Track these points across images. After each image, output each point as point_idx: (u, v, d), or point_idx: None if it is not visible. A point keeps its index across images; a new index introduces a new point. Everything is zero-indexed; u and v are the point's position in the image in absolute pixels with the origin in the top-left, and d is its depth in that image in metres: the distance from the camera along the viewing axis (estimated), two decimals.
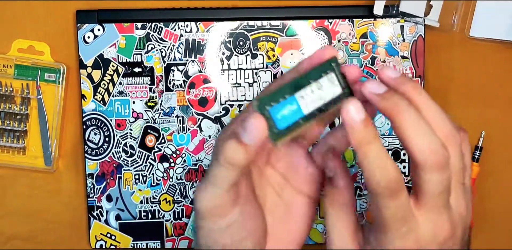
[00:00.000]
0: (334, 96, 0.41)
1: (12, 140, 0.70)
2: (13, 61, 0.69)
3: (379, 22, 0.70)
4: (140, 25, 0.69)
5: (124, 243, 0.71)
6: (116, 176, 0.70)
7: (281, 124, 0.40)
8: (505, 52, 0.73)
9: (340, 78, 0.42)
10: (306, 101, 0.41)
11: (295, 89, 0.40)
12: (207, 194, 0.42)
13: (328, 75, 0.41)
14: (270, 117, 0.40)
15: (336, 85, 0.41)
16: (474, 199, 0.75)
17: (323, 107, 0.41)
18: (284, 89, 0.40)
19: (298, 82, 0.40)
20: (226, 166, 0.40)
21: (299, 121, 0.40)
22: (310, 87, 0.41)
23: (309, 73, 0.41)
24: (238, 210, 0.43)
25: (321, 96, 0.41)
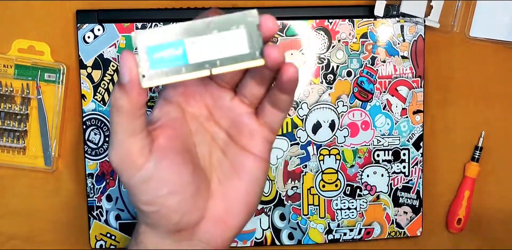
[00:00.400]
0: (235, 54, 0.38)
1: (12, 140, 0.70)
2: (13, 61, 0.69)
3: (379, 22, 0.70)
4: (140, 25, 0.68)
5: (124, 243, 0.71)
6: (116, 176, 0.70)
7: (155, 65, 0.38)
8: (505, 52, 0.73)
9: (254, 36, 0.38)
10: (197, 49, 0.37)
11: (189, 33, 0.37)
12: (112, 146, 0.43)
13: (238, 30, 0.38)
14: (146, 55, 0.38)
15: (244, 43, 0.38)
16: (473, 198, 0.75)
17: (216, 62, 0.38)
18: (174, 30, 0.37)
19: (196, 26, 0.37)
20: (114, 112, 0.41)
21: (180, 68, 0.38)
22: (209, 36, 0.37)
23: (215, 20, 0.38)
24: (152, 164, 0.42)
25: (219, 50, 0.38)
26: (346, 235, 0.72)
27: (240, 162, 0.46)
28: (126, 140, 0.42)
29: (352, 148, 0.71)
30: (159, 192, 0.43)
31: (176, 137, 0.44)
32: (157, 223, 0.45)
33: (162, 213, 0.44)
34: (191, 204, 0.44)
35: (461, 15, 0.71)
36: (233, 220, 0.46)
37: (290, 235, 0.72)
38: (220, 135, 0.46)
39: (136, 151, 0.42)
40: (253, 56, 0.38)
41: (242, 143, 0.46)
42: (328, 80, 0.70)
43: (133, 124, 0.42)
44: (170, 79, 0.38)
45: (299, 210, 0.72)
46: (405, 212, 0.73)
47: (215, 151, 0.47)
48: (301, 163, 0.71)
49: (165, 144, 0.43)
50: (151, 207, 0.43)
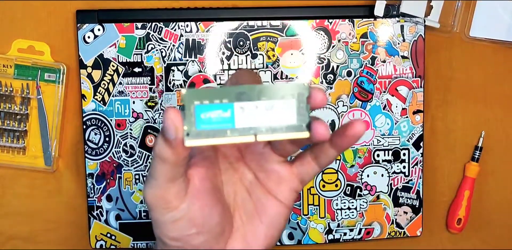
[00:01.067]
0: (282, 124, 0.38)
1: (12, 140, 0.70)
2: (13, 61, 0.68)
3: (379, 22, 0.70)
4: (140, 25, 0.68)
5: (124, 243, 0.71)
6: (116, 176, 0.70)
7: (201, 125, 0.37)
8: (505, 52, 0.73)
9: (303, 108, 0.38)
10: (245, 115, 0.38)
11: (239, 98, 0.37)
12: (150, 186, 0.43)
13: (287, 100, 0.38)
14: (193, 114, 0.37)
15: (292, 115, 0.38)
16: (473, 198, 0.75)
17: (262, 130, 0.38)
18: (225, 92, 0.37)
19: (246, 92, 0.37)
20: (157, 161, 0.41)
21: (225, 131, 0.38)
22: (258, 103, 0.38)
23: (266, 88, 0.38)
24: (185, 205, 0.43)
25: (266, 118, 0.38)
26: (346, 235, 0.72)
27: (264, 204, 0.46)
28: (166, 184, 0.42)
29: (352, 148, 0.71)
30: (188, 232, 0.44)
31: (208, 177, 0.45)
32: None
33: (185, 248, 0.44)
34: (214, 243, 0.45)
35: (461, 15, 0.71)
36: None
37: (290, 235, 0.72)
38: (248, 176, 0.47)
39: (173, 194, 0.43)
40: (300, 128, 0.38)
41: (268, 186, 0.46)
42: (328, 80, 0.70)
43: (175, 172, 0.42)
44: (214, 141, 0.38)
45: (299, 210, 0.72)
46: (405, 212, 0.73)
47: (241, 190, 0.47)
48: None
49: (199, 185, 0.44)
50: (176, 242, 0.44)
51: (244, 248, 0.46)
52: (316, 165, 0.46)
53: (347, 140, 0.43)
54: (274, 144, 0.46)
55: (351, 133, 0.42)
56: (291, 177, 0.46)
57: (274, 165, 0.46)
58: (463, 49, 0.73)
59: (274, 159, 0.46)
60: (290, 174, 0.46)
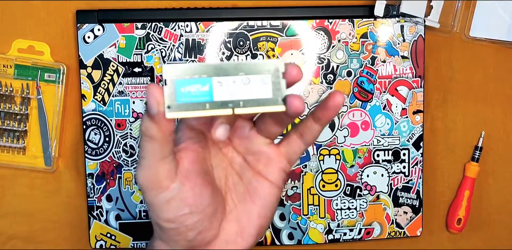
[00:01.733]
0: (258, 97, 0.40)
1: (12, 140, 0.70)
2: (13, 61, 0.68)
3: (379, 22, 0.70)
4: (140, 25, 0.68)
5: (124, 243, 0.71)
6: (116, 176, 0.70)
7: (181, 98, 0.39)
8: (505, 52, 0.73)
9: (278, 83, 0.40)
10: (223, 89, 0.40)
11: (217, 72, 0.40)
12: (141, 168, 0.44)
13: (264, 75, 0.40)
14: (174, 87, 0.39)
15: (267, 89, 0.40)
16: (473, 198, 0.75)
17: (239, 102, 0.40)
18: (204, 68, 0.40)
19: (224, 68, 0.39)
20: (145, 139, 0.43)
21: (204, 104, 0.40)
22: (235, 78, 0.40)
23: (243, 64, 0.40)
24: (176, 185, 0.44)
25: (243, 92, 0.40)
26: (346, 235, 0.72)
27: (255, 186, 0.48)
28: (156, 163, 0.44)
29: (352, 148, 0.71)
30: (181, 211, 0.45)
31: (198, 160, 0.46)
32: (173, 239, 0.46)
33: (180, 231, 0.46)
34: (208, 223, 0.46)
35: (461, 15, 0.71)
36: (243, 241, 0.48)
37: (290, 235, 0.72)
38: (237, 160, 0.48)
39: (163, 173, 0.44)
40: (275, 102, 0.40)
41: (258, 168, 0.48)
42: (328, 80, 0.70)
43: (163, 150, 0.43)
44: (193, 114, 0.40)
45: (299, 210, 0.72)
46: (405, 212, 0.73)
47: (231, 174, 0.48)
48: (301, 163, 0.71)
49: (189, 166, 0.45)
50: (171, 224, 0.45)
51: (238, 229, 0.48)
52: (302, 142, 0.48)
53: (328, 112, 0.45)
54: (259, 126, 0.47)
55: (332, 104, 0.44)
56: (279, 158, 0.48)
57: (261, 147, 0.47)
58: (463, 49, 0.73)
59: (260, 141, 0.47)
60: (278, 155, 0.48)
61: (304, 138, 0.47)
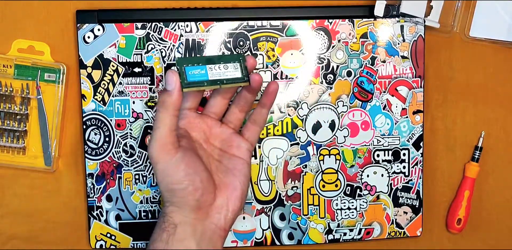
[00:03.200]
0: (233, 77, 0.62)
1: (12, 140, 0.70)
2: (13, 61, 0.68)
3: (379, 22, 0.70)
4: (140, 25, 0.68)
5: (124, 243, 0.71)
6: (116, 176, 0.70)
7: (190, 78, 0.60)
8: (505, 52, 0.73)
9: (243, 68, 0.62)
10: (212, 72, 0.61)
11: (208, 62, 0.62)
12: (154, 139, 0.60)
13: (235, 63, 0.62)
14: (184, 72, 0.60)
15: (238, 71, 0.62)
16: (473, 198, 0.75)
17: (223, 80, 0.61)
18: (201, 60, 0.62)
19: (212, 60, 0.62)
20: (161, 110, 0.60)
21: (203, 81, 0.61)
22: (219, 65, 0.62)
23: (223, 57, 0.63)
24: (181, 153, 0.60)
25: (224, 73, 0.62)
26: (346, 235, 0.72)
27: (233, 164, 0.65)
28: (167, 132, 0.60)
29: (352, 148, 0.71)
30: (188, 171, 0.60)
31: (189, 143, 0.63)
32: (183, 200, 0.60)
33: (189, 190, 0.60)
34: (207, 185, 0.62)
35: (461, 15, 0.71)
36: (233, 204, 0.63)
37: (290, 235, 0.72)
38: (216, 151, 0.66)
39: (172, 142, 0.60)
40: (243, 79, 0.62)
41: (232, 152, 0.66)
42: (328, 80, 0.70)
43: (172, 120, 0.60)
44: (198, 88, 0.61)
45: (299, 210, 0.72)
46: (405, 212, 0.73)
47: (213, 161, 0.65)
48: (301, 163, 0.71)
49: (185, 145, 0.62)
50: (181, 184, 0.60)
51: (228, 195, 0.63)
52: (257, 126, 0.67)
53: (269, 97, 0.65)
54: (227, 119, 0.67)
55: (270, 90, 0.64)
56: (244, 142, 0.66)
57: (232, 137, 0.66)
58: (463, 49, 0.73)
59: (229, 132, 0.66)
60: (243, 140, 0.66)
61: (257, 122, 0.67)
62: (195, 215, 0.61)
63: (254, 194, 0.71)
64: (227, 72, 0.62)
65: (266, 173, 0.71)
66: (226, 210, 0.63)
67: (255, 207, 0.72)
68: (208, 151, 0.65)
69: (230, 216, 0.63)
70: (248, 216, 0.72)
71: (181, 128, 0.64)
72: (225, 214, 0.63)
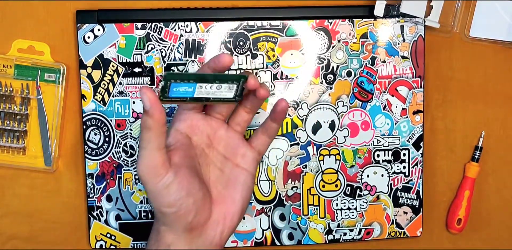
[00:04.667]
0: (222, 97, 0.57)
1: (12, 140, 0.70)
2: (13, 61, 0.68)
3: (379, 22, 0.70)
4: (140, 25, 0.68)
5: (124, 243, 0.71)
6: (116, 176, 0.70)
7: (172, 94, 0.54)
8: (505, 52, 0.73)
9: (239, 89, 0.57)
10: (201, 90, 0.55)
11: (201, 81, 0.55)
12: (141, 158, 0.54)
13: (231, 84, 0.56)
14: (168, 87, 0.54)
15: (230, 92, 0.57)
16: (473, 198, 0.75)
17: (210, 98, 0.56)
18: (193, 77, 0.54)
19: (206, 78, 0.55)
20: (144, 131, 0.54)
21: (186, 98, 0.55)
22: (212, 84, 0.55)
23: (219, 75, 0.55)
24: (172, 174, 0.55)
25: (214, 93, 0.56)
26: (346, 235, 0.73)
27: (235, 176, 0.60)
28: (154, 153, 0.54)
29: (352, 148, 0.71)
30: (179, 195, 0.55)
31: (185, 157, 0.57)
32: (175, 222, 0.56)
33: (180, 213, 0.56)
34: (201, 205, 0.57)
35: (461, 15, 0.71)
36: (230, 221, 0.59)
37: (290, 235, 0.72)
38: (218, 157, 0.60)
39: (160, 163, 0.54)
40: (233, 99, 0.58)
41: (236, 161, 0.60)
42: (328, 80, 0.70)
43: (158, 139, 0.54)
44: (177, 103, 0.56)
45: (299, 210, 0.72)
46: (405, 212, 0.73)
47: (214, 169, 0.60)
48: (301, 163, 0.71)
49: (178, 161, 0.56)
50: (172, 208, 0.55)
51: (226, 210, 0.59)
52: (267, 137, 0.62)
53: (279, 115, 0.60)
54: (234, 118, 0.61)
55: (279, 109, 0.60)
56: (252, 150, 0.61)
57: (239, 143, 0.61)
58: (463, 49, 0.73)
59: (236, 137, 0.61)
60: (251, 148, 0.61)
61: (268, 133, 0.62)
62: (189, 235, 0.57)
63: (254, 194, 0.71)
64: (217, 92, 0.56)
65: (266, 173, 0.71)
66: (223, 226, 0.59)
67: (255, 207, 0.72)
68: (210, 158, 0.60)
69: (226, 232, 0.59)
70: (248, 216, 0.72)
71: (181, 133, 0.59)
72: (221, 231, 0.59)
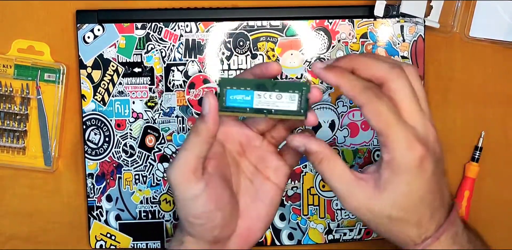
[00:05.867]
0: (285, 109, 0.51)
1: (12, 140, 0.70)
2: (13, 61, 0.69)
3: (379, 22, 0.70)
4: (140, 25, 0.68)
5: (124, 243, 0.71)
6: (116, 176, 0.70)
7: (229, 103, 0.51)
8: (505, 52, 0.73)
9: (303, 100, 0.51)
10: (260, 100, 0.51)
11: (259, 88, 0.51)
12: (178, 161, 0.51)
13: (292, 94, 0.51)
14: (224, 94, 0.51)
15: (294, 104, 0.51)
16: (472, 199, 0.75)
17: (272, 110, 0.51)
18: (250, 83, 0.51)
19: (265, 85, 0.51)
20: (193, 134, 0.51)
21: (246, 108, 0.51)
22: (271, 93, 0.51)
23: (279, 83, 0.51)
24: (202, 185, 0.51)
25: (275, 103, 0.51)
26: (346, 235, 0.73)
27: (264, 189, 0.56)
28: (192, 157, 0.51)
29: (352, 148, 0.71)
30: (207, 207, 0.52)
31: (218, 167, 0.54)
32: (200, 234, 0.54)
33: (207, 227, 0.53)
34: (228, 220, 0.54)
35: (461, 15, 0.71)
36: (253, 235, 0.56)
37: (290, 235, 0.72)
38: (250, 168, 0.57)
39: (193, 170, 0.51)
40: (298, 113, 0.51)
41: (267, 174, 0.56)
42: None
43: (202, 147, 0.52)
44: (236, 114, 0.52)
45: (299, 210, 0.72)
46: None
47: (244, 180, 0.56)
48: (301, 163, 0.71)
49: (212, 171, 0.53)
50: (199, 220, 0.53)
51: (250, 225, 0.56)
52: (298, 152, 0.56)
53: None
54: (271, 132, 0.56)
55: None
56: (284, 165, 0.57)
57: (272, 156, 0.56)
58: (463, 49, 0.73)
59: (269, 150, 0.57)
60: (284, 163, 0.57)
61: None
62: (212, 247, 0.55)
63: None
64: (278, 103, 0.51)
65: None
66: (245, 241, 0.56)
67: None
68: (241, 167, 0.57)
69: (247, 247, 0.57)
70: None
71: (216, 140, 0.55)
72: (242, 246, 0.56)
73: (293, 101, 0.51)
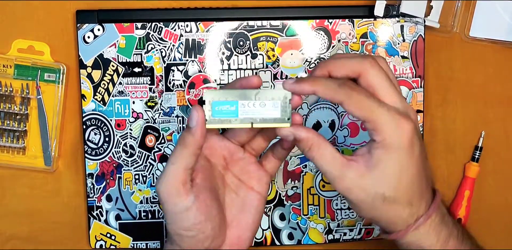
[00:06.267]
0: (270, 117, 0.53)
1: (12, 140, 0.70)
2: (13, 61, 0.69)
3: (379, 22, 0.70)
4: (140, 25, 0.68)
5: (124, 243, 0.71)
6: (116, 176, 0.70)
7: (215, 114, 0.53)
8: (505, 52, 0.73)
9: (287, 107, 0.53)
10: (245, 109, 0.53)
11: (241, 98, 0.53)
12: (166, 174, 0.53)
13: (275, 102, 0.53)
14: (211, 106, 0.53)
15: (276, 111, 0.53)
16: (472, 199, 0.75)
17: (257, 119, 0.53)
18: (233, 93, 0.53)
19: (247, 95, 0.53)
20: (180, 146, 0.53)
21: (231, 119, 0.53)
22: (255, 102, 0.53)
23: (261, 91, 0.53)
24: (192, 197, 0.53)
25: (259, 112, 0.53)
26: (346, 235, 0.72)
27: (249, 199, 0.59)
28: (180, 171, 0.53)
29: (352, 148, 0.71)
30: (198, 219, 0.53)
31: (206, 179, 0.56)
32: (192, 246, 0.54)
33: (198, 238, 0.54)
34: (217, 231, 0.55)
35: (461, 15, 0.71)
36: (243, 244, 0.58)
37: (290, 235, 0.72)
38: (234, 180, 0.59)
39: (182, 184, 0.53)
40: (283, 120, 0.53)
41: (251, 185, 0.59)
42: None
43: (190, 158, 0.53)
44: (223, 126, 0.53)
45: (299, 210, 0.72)
46: None
47: (229, 192, 0.59)
48: (301, 163, 0.71)
49: (200, 183, 0.55)
50: (190, 232, 0.54)
51: (239, 234, 0.58)
52: (278, 160, 0.60)
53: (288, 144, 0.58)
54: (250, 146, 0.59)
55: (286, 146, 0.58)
56: (265, 174, 0.59)
57: (254, 167, 0.59)
58: (463, 49, 0.73)
59: (251, 161, 0.59)
60: (265, 172, 0.59)
61: (278, 156, 0.60)
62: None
63: None
64: (263, 111, 0.53)
65: None
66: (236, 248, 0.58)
67: None
68: (225, 180, 0.59)
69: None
70: None
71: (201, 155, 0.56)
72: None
73: (276, 108, 0.53)
